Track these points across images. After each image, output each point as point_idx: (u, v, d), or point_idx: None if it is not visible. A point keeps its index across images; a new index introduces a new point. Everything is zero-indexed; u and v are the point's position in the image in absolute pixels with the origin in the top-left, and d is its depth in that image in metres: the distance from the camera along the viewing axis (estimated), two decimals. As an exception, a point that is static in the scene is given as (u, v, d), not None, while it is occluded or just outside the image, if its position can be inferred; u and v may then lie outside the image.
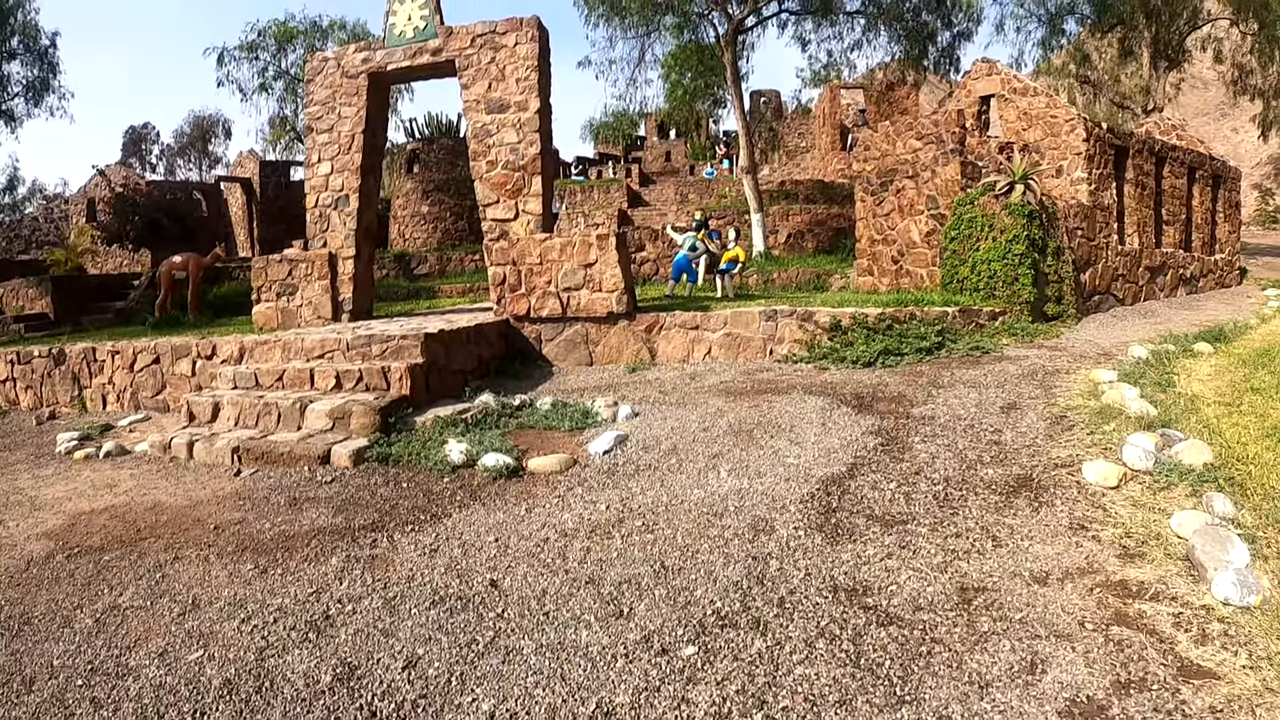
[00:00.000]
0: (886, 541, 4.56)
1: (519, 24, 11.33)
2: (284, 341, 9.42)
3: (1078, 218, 13.60)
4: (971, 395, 7.55)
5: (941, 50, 22.22)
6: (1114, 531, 4.42)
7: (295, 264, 12.06)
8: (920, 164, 13.85)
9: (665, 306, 11.46)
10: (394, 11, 11.91)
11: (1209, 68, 32.96)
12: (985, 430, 6.44)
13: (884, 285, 14.47)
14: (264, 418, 7.86)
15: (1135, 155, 16.02)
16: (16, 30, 22.58)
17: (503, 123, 11.26)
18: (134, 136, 72.61)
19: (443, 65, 11.84)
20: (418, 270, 22.69)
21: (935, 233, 13.18)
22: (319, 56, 12.63)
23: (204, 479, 7.02)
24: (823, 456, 6.11)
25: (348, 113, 12.16)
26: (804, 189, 27.80)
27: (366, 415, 7.33)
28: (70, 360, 11.84)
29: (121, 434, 9.63)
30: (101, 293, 19.96)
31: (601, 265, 10.46)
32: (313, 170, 12.47)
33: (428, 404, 8.17)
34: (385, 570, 4.70)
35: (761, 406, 7.70)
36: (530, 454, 6.73)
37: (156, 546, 5.41)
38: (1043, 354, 9.47)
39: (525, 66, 11.23)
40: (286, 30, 27.14)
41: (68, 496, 7.02)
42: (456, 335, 9.33)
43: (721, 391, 8.57)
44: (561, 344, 10.74)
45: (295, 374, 8.59)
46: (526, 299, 10.77)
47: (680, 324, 10.48)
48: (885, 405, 7.47)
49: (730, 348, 10.33)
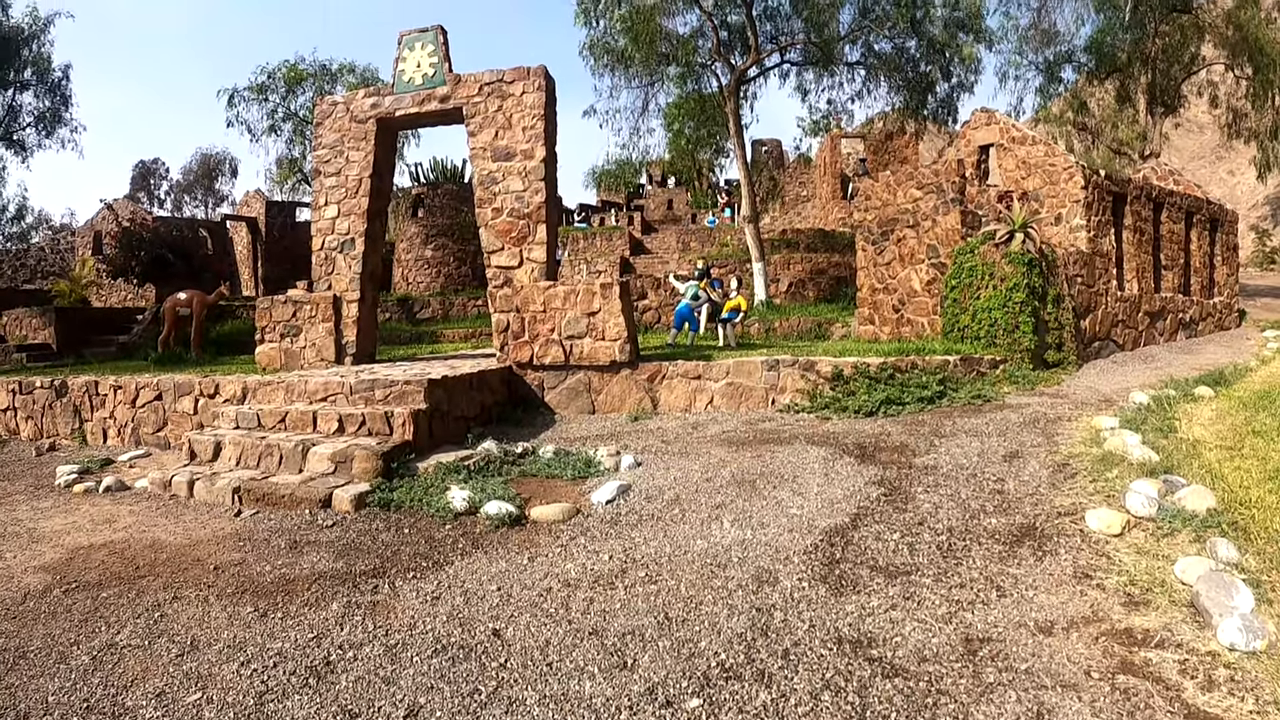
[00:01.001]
0: (890, 592, 4.55)
1: (526, 73, 11.50)
2: (287, 383, 9.45)
3: (1077, 265, 13.70)
4: (974, 444, 7.58)
5: (940, 100, 22.56)
6: (1118, 579, 4.44)
7: (300, 305, 12.13)
8: (921, 213, 14.00)
9: (667, 355, 11.51)
10: (403, 58, 12.10)
11: (1203, 111, 33.33)
12: (988, 479, 6.46)
13: (885, 334, 14.55)
14: (266, 459, 7.87)
15: (1133, 201, 16.22)
16: (29, 62, 22.90)
17: (508, 170, 11.39)
18: (143, 171, 73.31)
19: (450, 112, 12.00)
20: (420, 314, 22.79)
21: (936, 281, 13.29)
22: (328, 100, 12.81)
23: (204, 518, 7.01)
24: (826, 507, 6.11)
25: (355, 157, 12.30)
26: (805, 238, 28.00)
27: (369, 460, 7.34)
28: (72, 392, 11.86)
29: (122, 469, 9.62)
30: (105, 326, 19.99)
31: (605, 314, 10.54)
32: (319, 213, 12.57)
33: (430, 449, 8.19)
34: (387, 617, 4.68)
35: (764, 456, 7.71)
36: (533, 502, 6.73)
37: (155, 585, 5.40)
38: (1044, 401, 9.52)
39: (532, 115, 11.37)
40: (296, 73, 27.56)
41: (66, 530, 7.00)
42: (459, 381, 9.37)
43: (724, 441, 8.58)
44: (564, 392, 10.77)
45: (298, 416, 8.61)
46: (529, 346, 10.82)
47: (683, 373, 10.52)
48: (888, 455, 7.49)
49: (733, 397, 10.36)
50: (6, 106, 23.42)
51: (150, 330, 18.55)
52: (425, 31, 12.01)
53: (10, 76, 22.70)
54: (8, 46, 22.05)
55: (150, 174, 74.45)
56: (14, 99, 23.43)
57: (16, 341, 19.29)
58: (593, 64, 22.14)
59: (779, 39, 22.49)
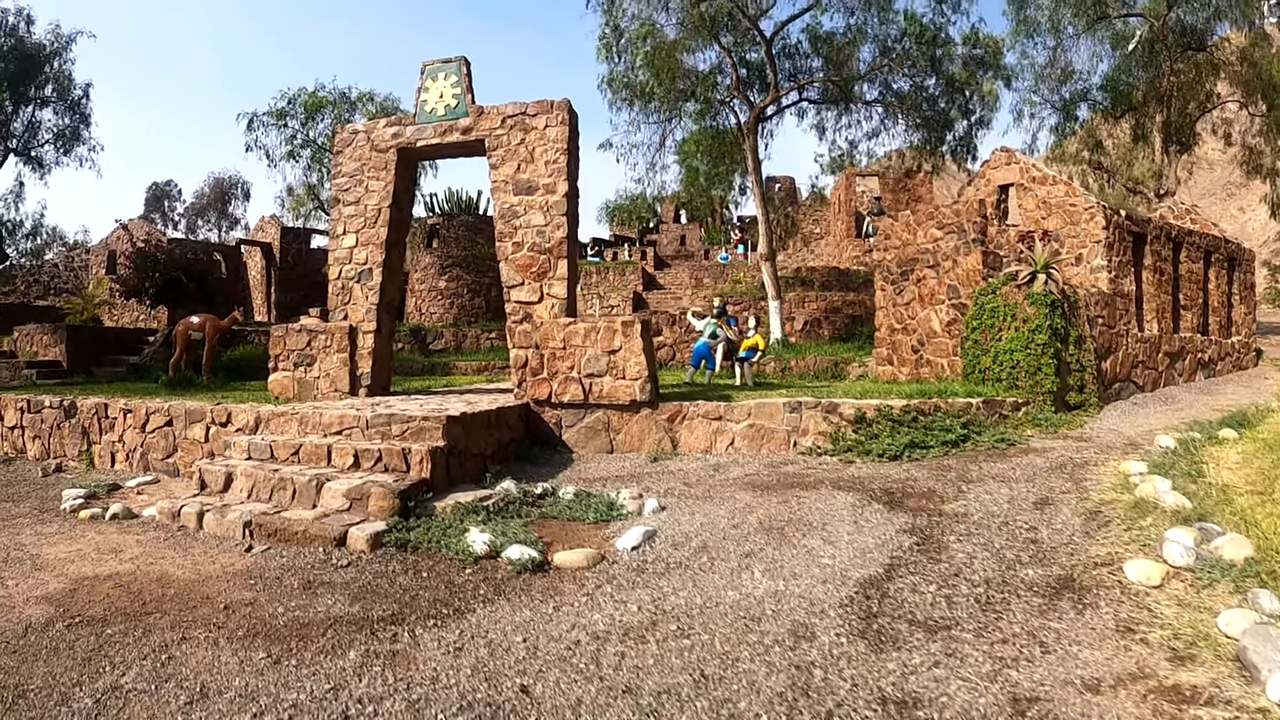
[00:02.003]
0: (932, 649, 4.36)
1: (550, 106, 11.42)
2: (301, 415, 9.27)
3: (1098, 306, 13.62)
4: (1002, 490, 7.38)
5: (959, 138, 22.55)
6: (1162, 633, 4.29)
7: (314, 335, 11.98)
8: (941, 253, 13.89)
9: (685, 394, 11.33)
10: (426, 88, 12.03)
11: (1214, 149, 33.44)
12: (1020, 528, 6.29)
13: (904, 374, 14.39)
14: (278, 492, 7.66)
15: (1153, 241, 16.18)
16: (50, 79, 23.00)
17: (530, 205, 11.27)
18: (157, 193, 73.75)
19: (472, 144, 11.90)
20: (433, 345, 22.66)
21: (956, 322, 13.15)
22: (349, 129, 12.74)
23: (213, 552, 6.80)
24: (858, 556, 5.91)
25: (375, 186, 12.21)
26: (819, 275, 27.96)
27: (385, 498, 7.13)
28: (81, 414, 11.72)
29: (129, 495, 9.44)
30: (116, 345, 19.99)
31: (626, 352, 10.36)
32: (337, 242, 12.46)
33: (447, 488, 7.97)
34: (407, 668, 4.46)
35: (791, 503, 7.48)
36: (555, 547, 6.51)
37: (163, 623, 5.18)
38: (1069, 445, 9.33)
39: (555, 149, 11.27)
40: (316, 100, 27.59)
41: (70, 558, 6.80)
42: (477, 418, 9.16)
43: (747, 485, 8.36)
44: (582, 430, 10.57)
45: (312, 449, 8.41)
46: (548, 383, 10.64)
47: (703, 414, 10.33)
48: (916, 502, 7.28)
49: (754, 439, 10.16)
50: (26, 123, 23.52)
51: (161, 352, 18.46)
52: (449, 62, 11.96)
53: (31, 93, 22.78)
54: (30, 63, 22.16)
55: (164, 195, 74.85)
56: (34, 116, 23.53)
57: (27, 357, 19.32)
58: (610, 98, 22.24)
59: (797, 76, 22.58)
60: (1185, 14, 27.54)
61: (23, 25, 22.16)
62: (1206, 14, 27.35)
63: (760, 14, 20.86)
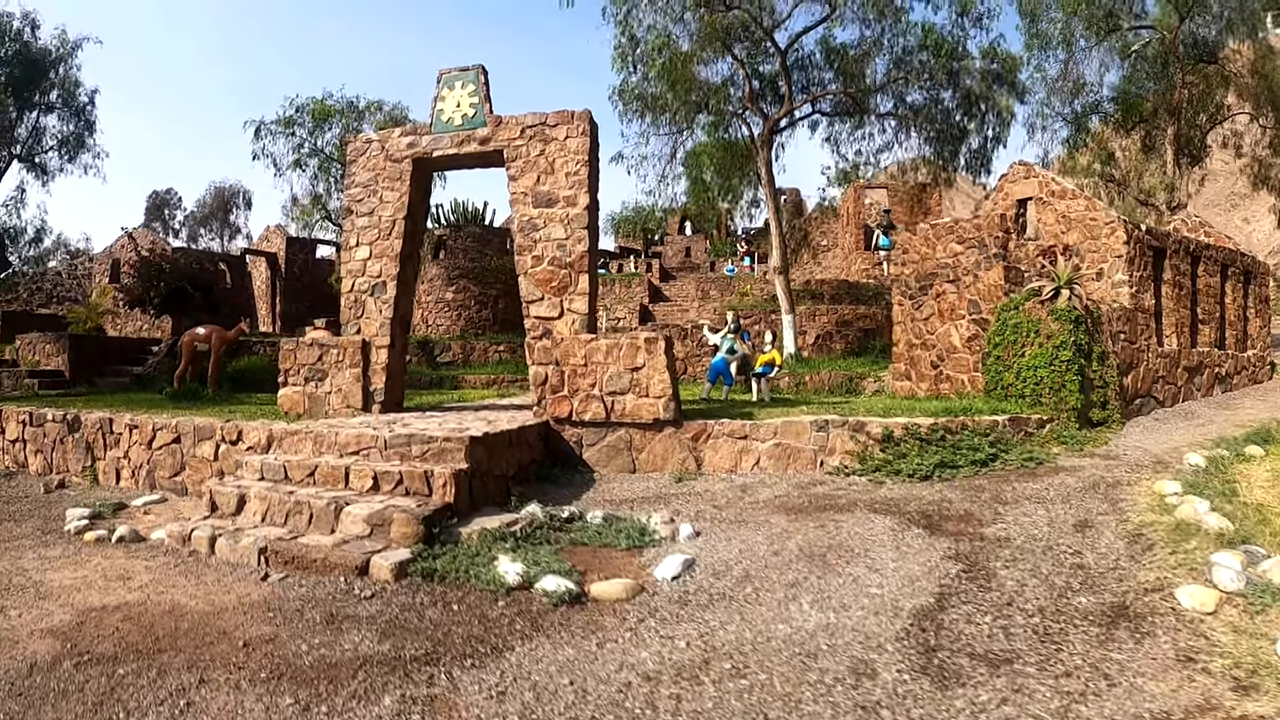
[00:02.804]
0: (997, 684, 4.20)
1: (570, 117, 11.13)
2: (316, 434, 8.92)
3: (1120, 321, 13.43)
4: (1040, 512, 7.23)
5: (973, 152, 22.26)
6: (1223, 662, 4.23)
7: (326, 349, 11.65)
8: (961, 268, 13.65)
9: (705, 412, 11.02)
10: (442, 97, 11.73)
11: (1219, 160, 33.31)
12: (1065, 552, 6.16)
13: (923, 390, 14.14)
14: (294, 516, 7.31)
15: (1172, 256, 16.03)
16: (56, 84, 22.71)
17: (550, 217, 10.97)
18: (157, 201, 73.55)
19: (490, 155, 11.60)
20: (441, 358, 22.34)
21: (977, 338, 12.93)
22: (362, 138, 12.44)
23: (227, 580, 6.47)
24: (906, 585, 5.71)
25: (390, 197, 11.90)
26: (829, 289, 27.75)
27: (408, 524, 6.78)
28: (85, 429, 11.41)
29: (136, 515, 9.13)
30: (120, 355, 19.71)
31: (649, 369, 10.05)
32: (349, 254, 12.14)
33: (470, 512, 7.62)
34: (449, 716, 4.13)
35: (829, 527, 7.23)
36: (590, 576, 6.18)
37: (178, 662, 4.85)
38: (1097, 463, 9.20)
39: (575, 161, 10.98)
40: (324, 108, 27.28)
41: (76, 586, 6.47)
42: (499, 439, 8.82)
43: (779, 507, 8.09)
44: (604, 449, 10.25)
45: (329, 471, 8.05)
46: (569, 401, 10.32)
47: (728, 433, 10.01)
48: (955, 525, 7.08)
49: (780, 459, 9.85)
50: (30, 129, 23.23)
51: (165, 363, 18.20)
52: (466, 71, 11.68)
53: (36, 98, 22.48)
54: (34, 68, 21.87)
55: (165, 204, 74.62)
56: (39, 121, 23.22)
57: (29, 366, 19.07)
58: (622, 109, 21.94)
59: (810, 89, 22.31)
60: (1197, 26, 27.45)
61: (28, 30, 21.89)
62: (1218, 26, 27.23)
63: (775, 25, 20.62)
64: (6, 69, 21.40)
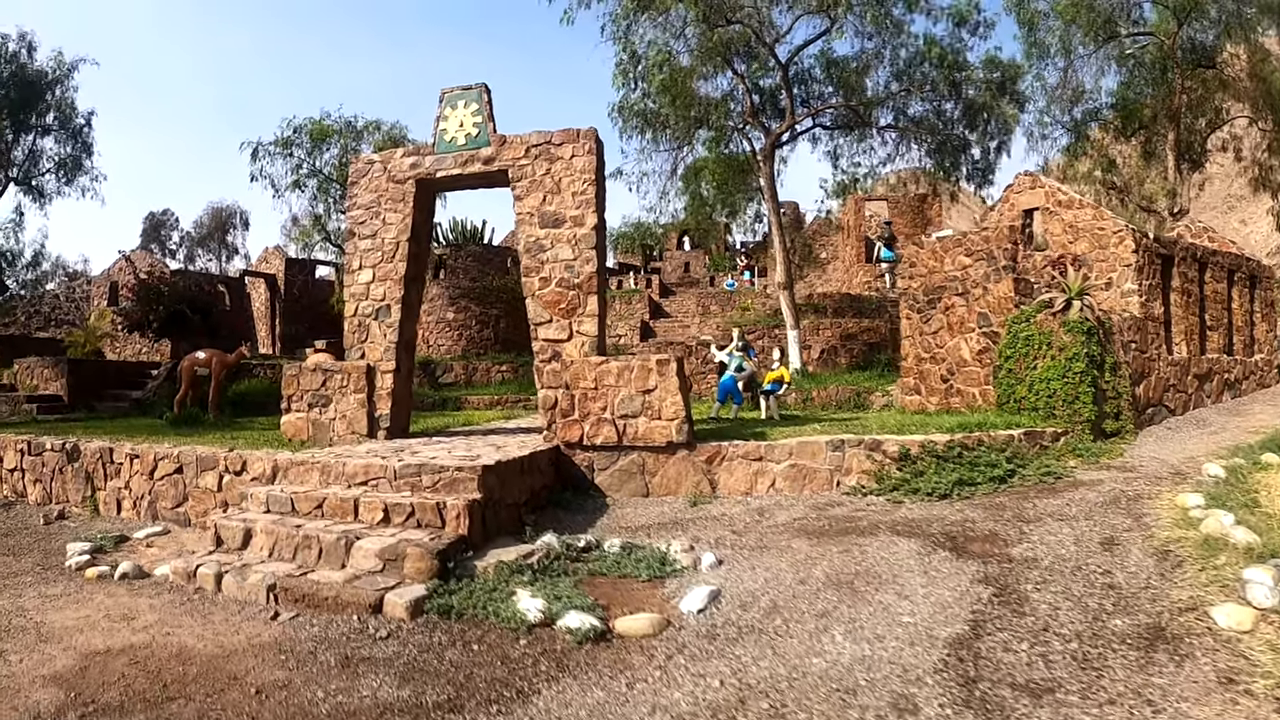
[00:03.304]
0: (1041, 717, 4.07)
1: (576, 135, 10.97)
2: (323, 464, 8.68)
3: (1131, 330, 13.40)
4: (1065, 530, 7.07)
5: (974, 163, 22.12)
6: (1265, 683, 4.16)
7: (330, 374, 11.42)
8: (970, 280, 13.56)
9: (717, 432, 10.84)
10: (445, 117, 11.55)
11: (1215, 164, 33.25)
12: (1094, 572, 6.01)
13: (933, 404, 14.00)
14: (303, 551, 7.07)
15: (1180, 263, 16.03)
16: (52, 106, 22.49)
17: (557, 238, 10.78)
18: (154, 222, 73.38)
19: (494, 175, 11.42)
20: (443, 379, 22.12)
21: (987, 351, 12.83)
22: (364, 159, 12.25)
23: (235, 619, 6.25)
24: (939, 612, 5.52)
25: (393, 219, 11.70)
26: (832, 302, 27.57)
27: (423, 559, 6.54)
28: (85, 458, 11.18)
29: (138, 548, 8.90)
30: (119, 379, 19.57)
31: (661, 391, 9.85)
32: (352, 277, 11.93)
33: (484, 543, 7.38)
34: (476, 773, 3.92)
35: (853, 552, 7.02)
36: (613, 610, 5.96)
37: (189, 713, 4.63)
38: (1115, 476, 9.08)
39: (582, 180, 10.81)
40: (322, 129, 27.06)
41: (79, 627, 6.24)
42: (511, 466, 8.57)
43: (799, 531, 7.89)
44: (616, 474, 10.02)
45: (337, 503, 7.81)
46: (580, 425, 10.10)
47: (743, 455, 9.81)
48: (980, 546, 6.90)
49: (796, 479, 9.64)
50: (27, 151, 23.01)
51: (165, 387, 18.00)
52: (469, 89, 11.52)
53: (32, 121, 22.27)
54: (31, 90, 21.66)
55: (161, 225, 74.44)
56: (35, 144, 23.01)
57: (27, 391, 18.93)
58: (622, 126, 21.75)
59: (810, 103, 22.18)
60: (1194, 31, 27.57)
61: (24, 52, 21.70)
62: (1216, 31, 27.28)
63: (777, 40, 20.50)
64: (3, 91, 21.21)
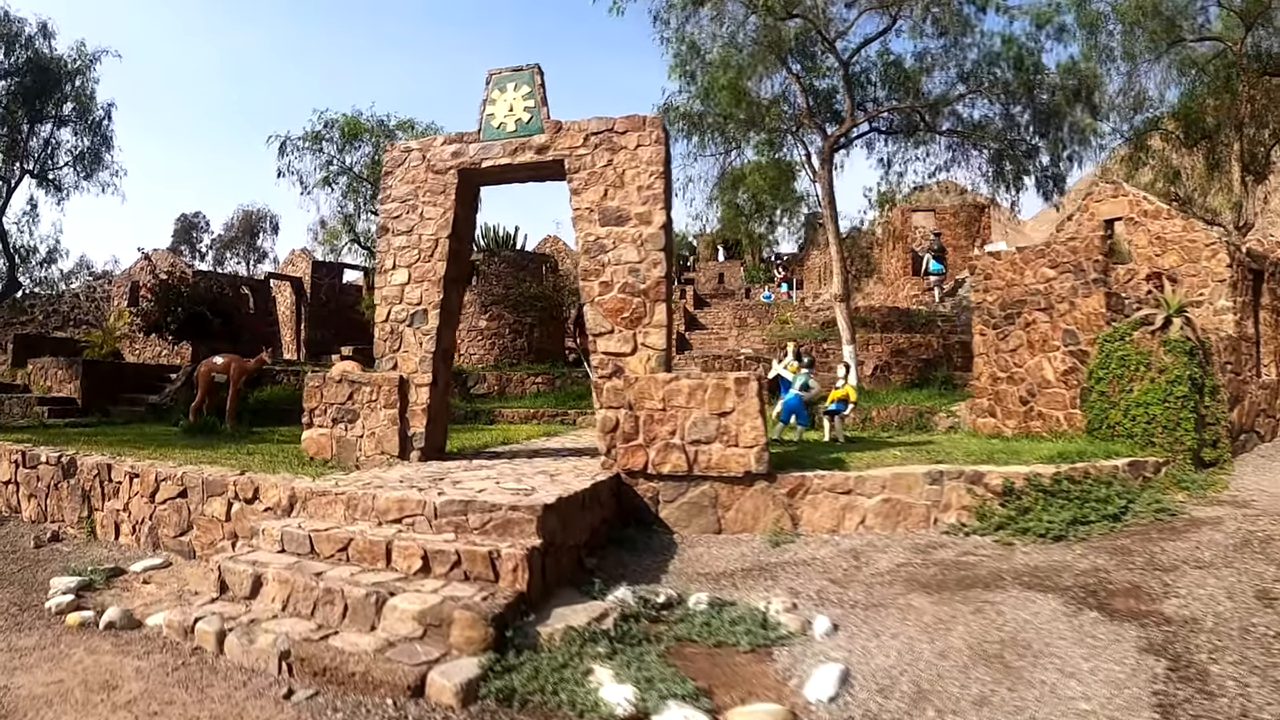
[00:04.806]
0: None
1: (641, 123, 9.72)
2: (348, 496, 7.32)
3: (1227, 351, 12.49)
4: (1210, 581, 6.08)
5: (1043, 170, 20.61)
6: None
7: (358, 386, 10.15)
8: (1055, 294, 12.52)
9: (796, 460, 9.54)
10: (492, 100, 10.29)
11: None
12: (1267, 636, 5.10)
13: (1010, 428, 12.97)
14: (324, 607, 5.76)
15: (1269, 278, 15.06)
16: (70, 97, 21.44)
17: (620, 237, 9.52)
18: (186, 224, 73.23)
19: (548, 165, 10.15)
20: (475, 389, 20.95)
21: (1074, 371, 11.91)
22: (400, 146, 10.99)
23: (239, 696, 4.98)
24: (1114, 693, 4.49)
25: (431, 213, 10.45)
26: (879, 316, 26.43)
27: (474, 626, 5.20)
28: (81, 474, 10.03)
29: (133, 585, 7.72)
30: (136, 382, 18.87)
31: (739, 415, 8.52)
32: (385, 277, 10.64)
33: (544, 599, 6.06)
34: None
35: (986, 612, 5.79)
36: (719, 696, 4.63)
37: None
38: (1232, 513, 8.14)
39: (649, 173, 9.55)
40: (355, 125, 25.97)
41: (48, 698, 5.03)
42: (573, 502, 7.22)
43: (910, 582, 6.65)
44: (684, 507, 8.68)
45: (365, 545, 6.48)
46: (644, 451, 8.76)
47: (829, 487, 8.50)
48: (1125, 603, 5.80)
49: (888, 516, 8.38)
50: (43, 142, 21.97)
51: (183, 392, 17.10)
52: (519, 70, 10.27)
53: (49, 111, 21.21)
54: (46, 76, 20.61)
55: (193, 227, 74.11)
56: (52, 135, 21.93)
57: (40, 392, 18.31)
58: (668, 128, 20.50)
59: (865, 106, 20.81)
60: (1260, 39, 26.31)
61: (40, 37, 20.63)
62: (1284, 37, 25.97)
63: (838, 35, 19.17)
64: (17, 78, 20.16)
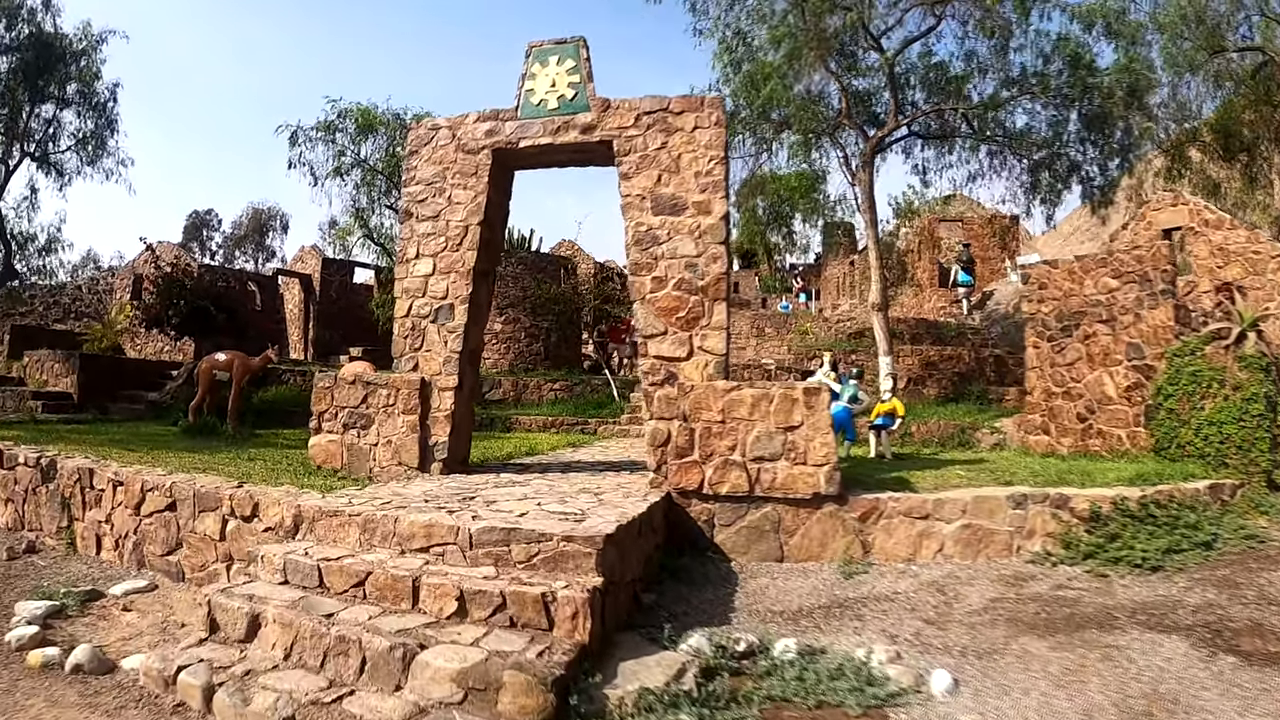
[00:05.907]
0: None
1: (700, 103, 8.74)
2: (364, 517, 6.15)
3: None
4: None
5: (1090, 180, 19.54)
6: None
7: (372, 389, 9.09)
8: (1118, 306, 11.95)
9: (856, 479, 8.53)
10: (532, 75, 9.29)
11: None
12: None
13: (1065, 446, 12.47)
14: (336, 658, 4.64)
15: None
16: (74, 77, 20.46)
17: (676, 228, 8.51)
18: (197, 221, 73.06)
19: (594, 147, 9.16)
20: (490, 395, 19.97)
21: (1139, 387, 11.36)
22: (427, 123, 9.99)
23: (227, 773, 3.94)
24: None
25: (461, 197, 9.42)
26: (907, 327, 25.63)
27: (530, 692, 4.07)
28: (61, 479, 8.98)
29: (111, 613, 6.67)
30: (136, 378, 18.03)
31: (809, 429, 7.47)
32: (406, 267, 9.60)
33: (605, 650, 4.95)
34: None
35: (1116, 659, 5.09)
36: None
37: None
38: None
39: (708, 158, 8.57)
40: (369, 117, 24.95)
41: (-7, 765, 4.00)
42: (630, 529, 6.08)
43: (1013, 621, 5.86)
44: (743, 531, 7.62)
45: (387, 580, 5.29)
46: (700, 468, 7.69)
47: (905, 511, 7.55)
48: (1253, 643, 5.21)
49: (969, 543, 7.51)
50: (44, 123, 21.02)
51: (183, 390, 16.29)
52: (563, 43, 9.28)
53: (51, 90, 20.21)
54: (48, 52, 19.62)
55: (204, 224, 73.98)
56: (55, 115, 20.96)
57: (36, 386, 17.42)
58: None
59: (905, 108, 19.79)
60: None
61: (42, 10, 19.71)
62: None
63: (884, 33, 18.20)
64: (18, 54, 19.18)
